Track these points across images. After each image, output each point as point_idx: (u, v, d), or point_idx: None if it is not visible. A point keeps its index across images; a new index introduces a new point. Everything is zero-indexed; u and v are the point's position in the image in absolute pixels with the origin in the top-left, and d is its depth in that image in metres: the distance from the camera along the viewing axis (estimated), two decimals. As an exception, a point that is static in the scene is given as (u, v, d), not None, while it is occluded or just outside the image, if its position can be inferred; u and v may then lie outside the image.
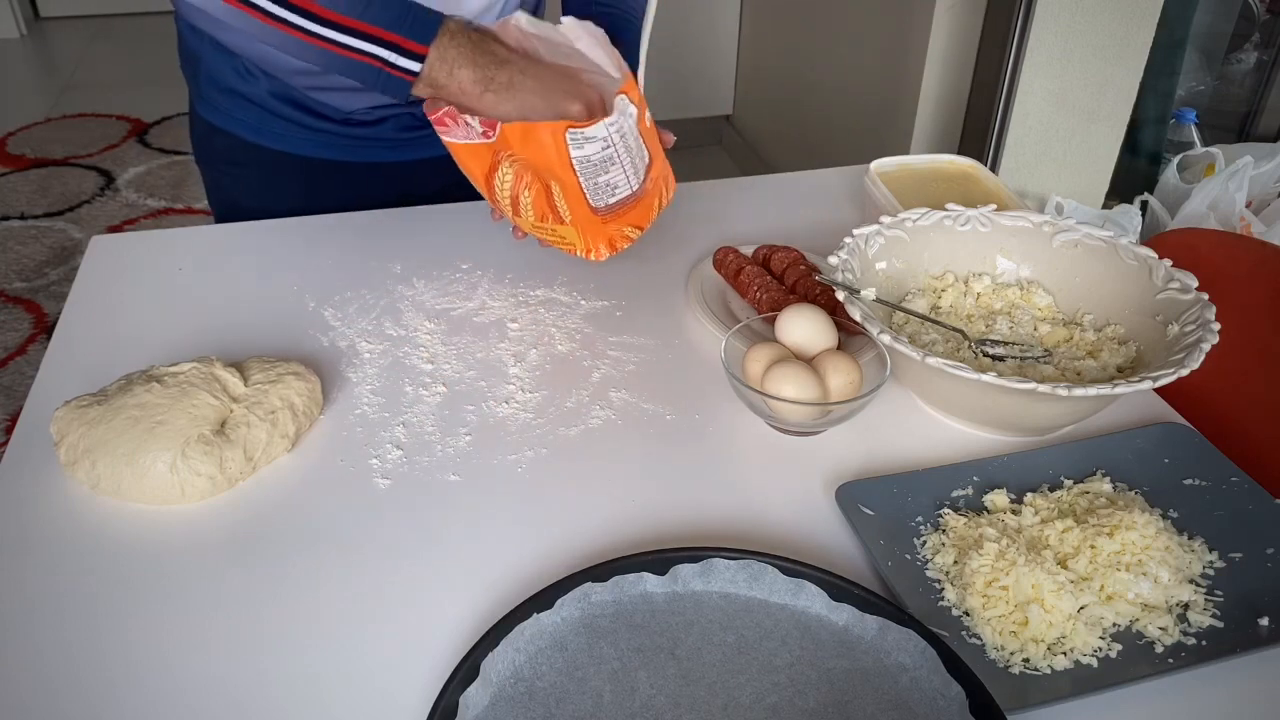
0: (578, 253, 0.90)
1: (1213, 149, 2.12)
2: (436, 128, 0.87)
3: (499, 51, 0.84)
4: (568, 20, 0.91)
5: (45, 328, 2.32)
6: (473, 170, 0.88)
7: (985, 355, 0.82)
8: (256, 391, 0.76)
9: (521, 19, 0.92)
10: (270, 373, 0.78)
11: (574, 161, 0.82)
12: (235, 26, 0.83)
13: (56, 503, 0.71)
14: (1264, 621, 0.62)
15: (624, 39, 0.96)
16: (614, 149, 0.83)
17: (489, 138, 0.84)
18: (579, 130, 0.81)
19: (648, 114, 0.87)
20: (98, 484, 0.70)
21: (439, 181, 1.13)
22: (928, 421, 0.81)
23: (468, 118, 0.85)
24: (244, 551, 0.68)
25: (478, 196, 1.11)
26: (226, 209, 1.15)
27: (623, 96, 0.84)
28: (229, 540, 0.69)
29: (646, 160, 0.88)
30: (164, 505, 0.71)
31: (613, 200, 0.86)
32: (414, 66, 0.83)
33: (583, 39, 0.90)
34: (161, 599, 0.64)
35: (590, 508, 0.72)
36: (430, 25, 0.83)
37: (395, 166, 1.13)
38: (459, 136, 0.86)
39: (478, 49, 0.84)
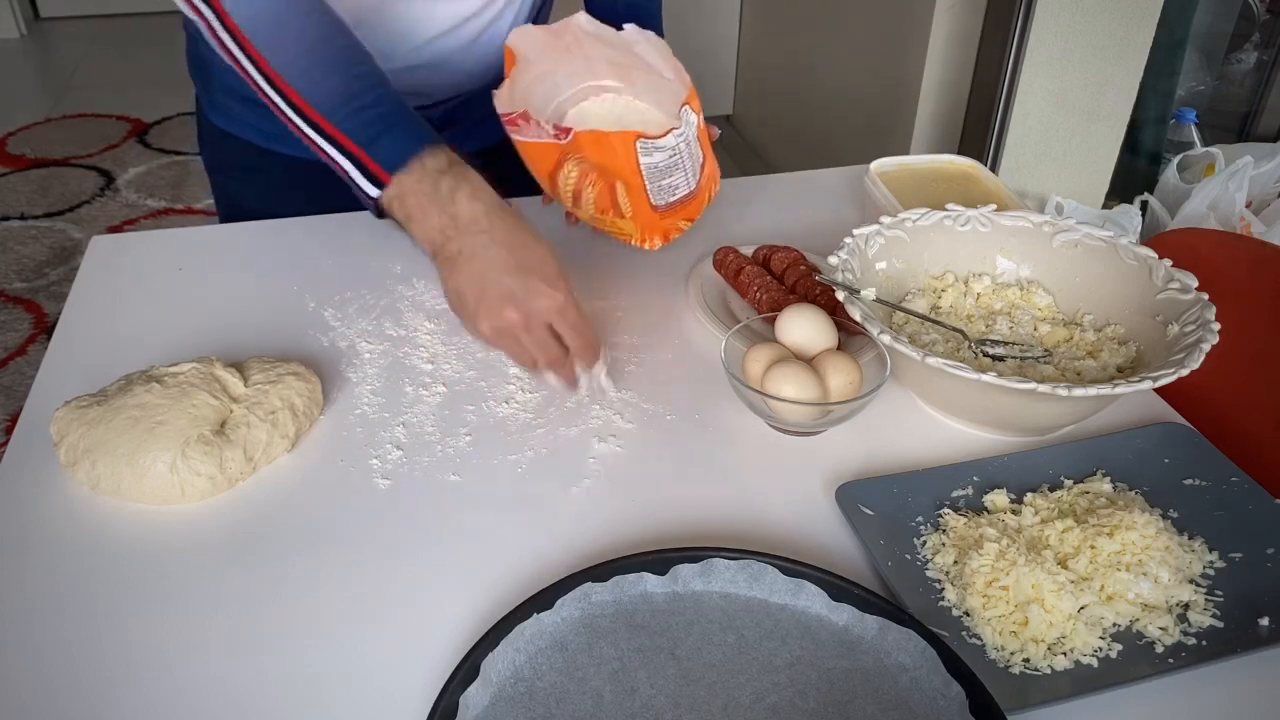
0: (633, 242, 0.93)
1: (1213, 149, 2.12)
2: (508, 128, 0.88)
3: (464, 214, 0.75)
4: (629, 27, 0.92)
5: (45, 328, 2.32)
6: (537, 166, 0.91)
7: (985, 355, 0.82)
8: (257, 392, 0.76)
9: (582, 19, 0.93)
10: (270, 373, 0.78)
11: (642, 168, 0.85)
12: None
13: (56, 503, 0.71)
14: (1264, 621, 0.62)
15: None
16: (679, 156, 0.86)
17: (560, 140, 0.86)
18: (650, 141, 0.84)
19: (701, 117, 0.90)
20: (98, 484, 0.70)
21: None
22: (928, 421, 0.81)
23: (540, 121, 0.86)
24: (244, 551, 0.68)
25: None
26: (233, 214, 1.14)
27: (687, 108, 0.86)
28: (229, 540, 0.69)
29: (701, 160, 0.91)
30: (164, 505, 0.71)
31: (672, 199, 0.89)
32: (372, 191, 0.76)
33: (642, 44, 0.93)
34: (161, 599, 0.64)
35: (590, 508, 0.72)
36: (403, 152, 0.75)
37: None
38: (530, 136, 0.88)
39: (440, 207, 0.75)
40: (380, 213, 0.79)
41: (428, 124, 0.79)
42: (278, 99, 0.77)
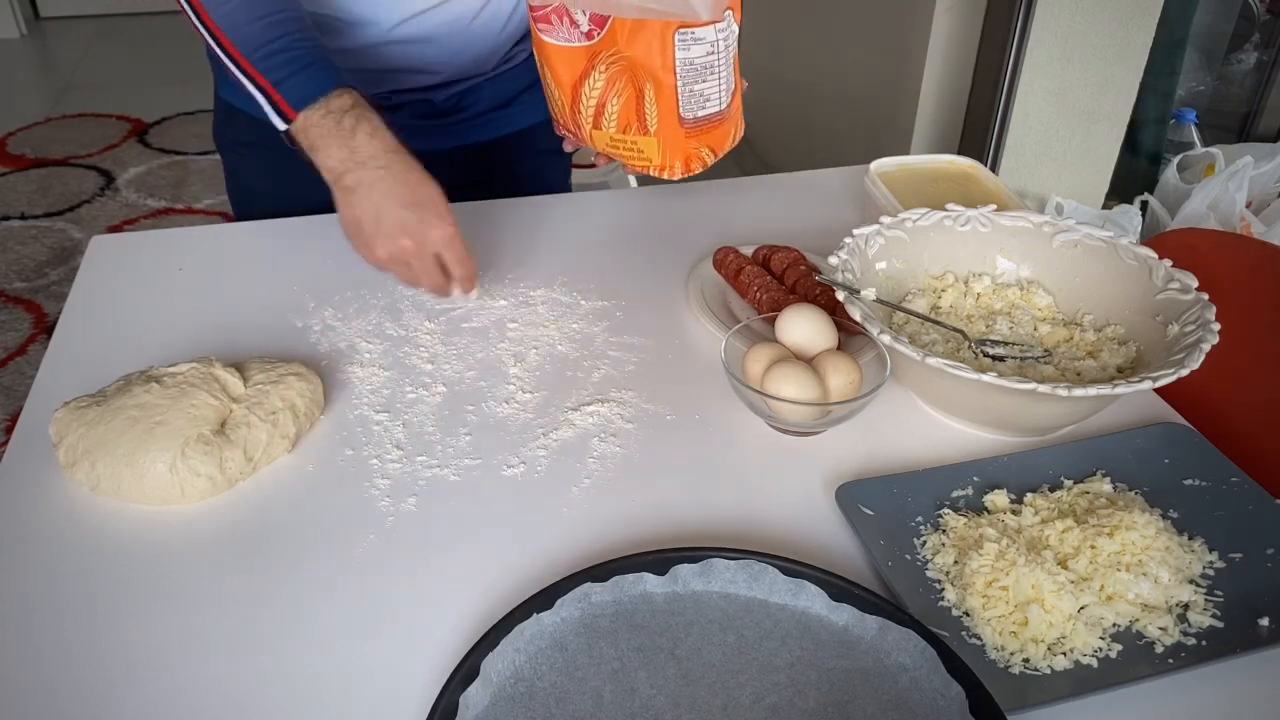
0: (651, 170, 0.90)
1: (1213, 149, 2.12)
2: (538, 24, 0.86)
3: (362, 150, 0.83)
4: None
5: (45, 328, 2.32)
6: (561, 76, 0.88)
7: (985, 355, 0.82)
8: (257, 392, 0.76)
9: None
10: (271, 373, 0.78)
11: (677, 63, 0.82)
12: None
13: (56, 502, 0.71)
14: (1264, 622, 0.62)
15: None
16: (716, 57, 0.84)
17: (592, 39, 0.84)
18: (689, 30, 0.81)
19: (736, 48, 0.87)
20: (97, 485, 0.70)
21: (452, 177, 1.13)
22: (928, 421, 0.81)
23: (575, 14, 0.84)
24: (244, 552, 0.68)
25: (487, 196, 1.12)
26: (243, 194, 1.16)
27: (730, 12, 0.83)
28: (229, 540, 0.69)
29: (734, 85, 0.88)
30: (164, 506, 0.71)
31: (701, 114, 0.86)
32: (280, 124, 0.84)
33: None
34: (161, 599, 0.64)
35: (590, 508, 0.72)
36: (311, 91, 0.83)
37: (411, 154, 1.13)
38: (559, 38, 0.86)
39: (341, 141, 0.83)
40: (293, 143, 0.86)
41: (339, 70, 0.85)
42: (208, 37, 0.85)
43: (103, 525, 0.70)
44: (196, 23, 0.85)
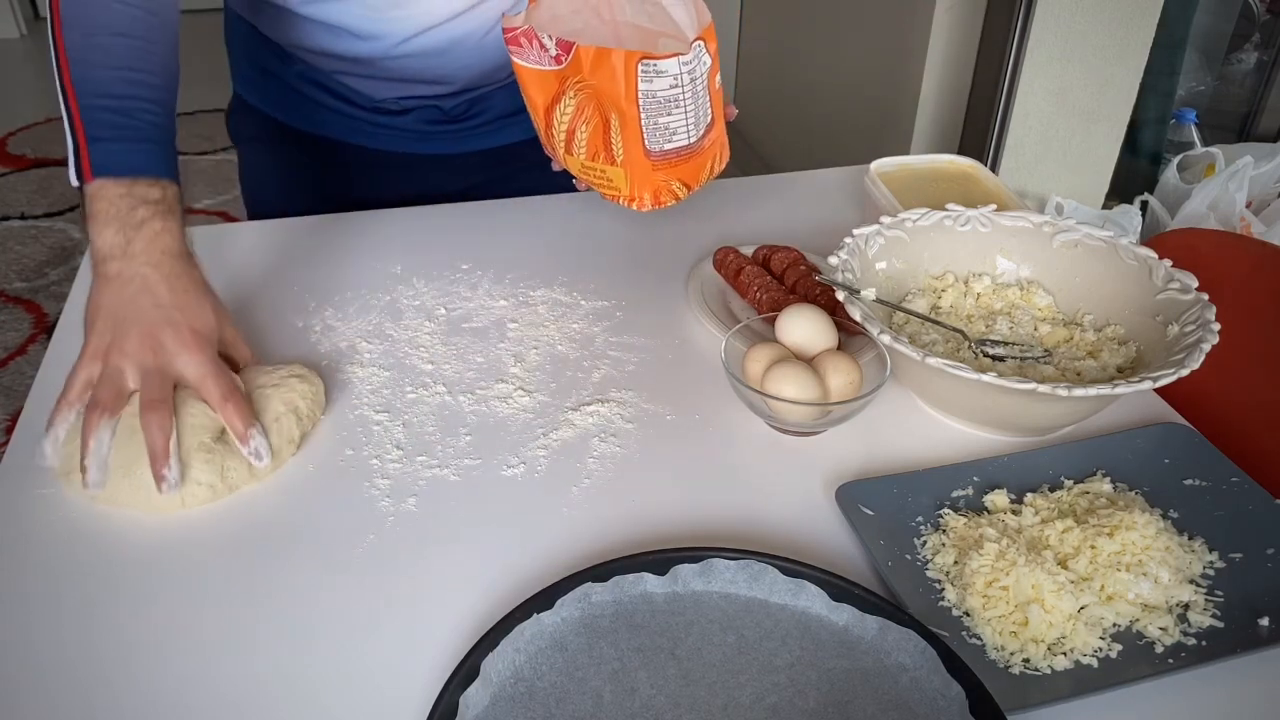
0: (620, 200, 0.87)
1: (1213, 149, 2.12)
2: (509, 46, 0.84)
3: (139, 243, 0.72)
4: None
5: (45, 328, 2.32)
6: (535, 100, 0.87)
7: (985, 355, 0.82)
8: (259, 396, 0.76)
9: None
10: (272, 375, 0.78)
11: (640, 95, 0.80)
12: (269, 13, 0.83)
13: (57, 503, 0.71)
14: (1264, 622, 0.62)
15: None
16: (680, 90, 0.81)
17: (560, 64, 0.82)
18: (652, 62, 0.79)
19: (718, 78, 0.86)
20: (95, 495, 0.70)
21: (462, 182, 1.14)
22: (928, 422, 0.81)
23: (543, 39, 0.82)
24: (243, 552, 0.68)
25: (498, 196, 1.12)
26: (255, 188, 1.16)
27: (700, 43, 0.81)
28: (229, 540, 0.69)
29: (709, 119, 0.86)
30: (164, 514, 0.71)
31: (668, 147, 0.84)
32: (73, 180, 0.74)
33: None
34: (160, 599, 0.64)
35: (590, 508, 0.72)
36: (123, 164, 0.73)
37: (420, 160, 1.14)
38: (530, 60, 0.84)
39: (120, 226, 0.72)
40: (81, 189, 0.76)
41: (172, 163, 0.77)
42: (53, 56, 0.76)
43: (101, 525, 0.70)
44: (50, 37, 0.77)
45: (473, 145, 1.15)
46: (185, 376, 0.71)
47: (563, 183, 1.27)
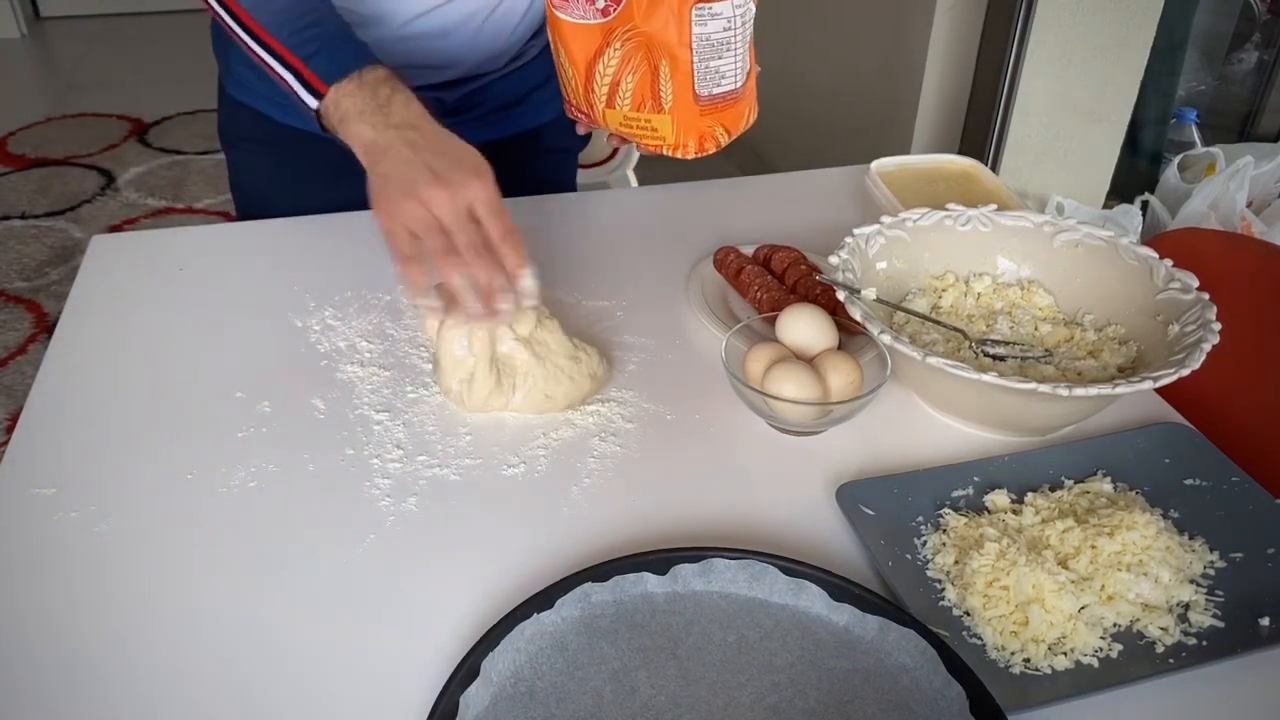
0: (664, 149, 0.88)
1: (1213, 149, 2.12)
2: (553, 4, 0.85)
3: (396, 115, 0.79)
4: None
5: (45, 328, 2.32)
6: (575, 54, 0.87)
7: (986, 355, 0.82)
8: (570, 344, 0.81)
9: None
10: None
11: (694, 38, 0.82)
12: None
13: (56, 504, 0.71)
14: (1265, 621, 0.62)
15: None
16: (733, 32, 0.83)
17: (607, 15, 0.83)
18: (706, 5, 0.81)
19: (752, 28, 0.87)
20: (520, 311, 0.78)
21: None
22: (928, 421, 0.81)
23: None
24: (243, 552, 0.68)
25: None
26: (247, 191, 1.16)
27: None
28: (229, 540, 0.69)
29: (749, 64, 0.87)
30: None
31: (716, 91, 0.85)
32: (311, 102, 0.81)
33: None
34: (160, 599, 0.64)
35: (590, 508, 0.72)
36: (341, 66, 0.81)
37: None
38: (574, 15, 0.85)
39: (376, 109, 0.79)
40: (323, 127, 0.83)
41: (367, 48, 0.83)
42: (229, 19, 0.84)
43: (100, 530, 0.70)
44: (221, 11, 0.84)
45: (471, 138, 1.14)
46: (475, 206, 0.74)
47: (559, 177, 1.26)
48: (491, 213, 0.75)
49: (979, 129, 1.96)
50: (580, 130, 0.97)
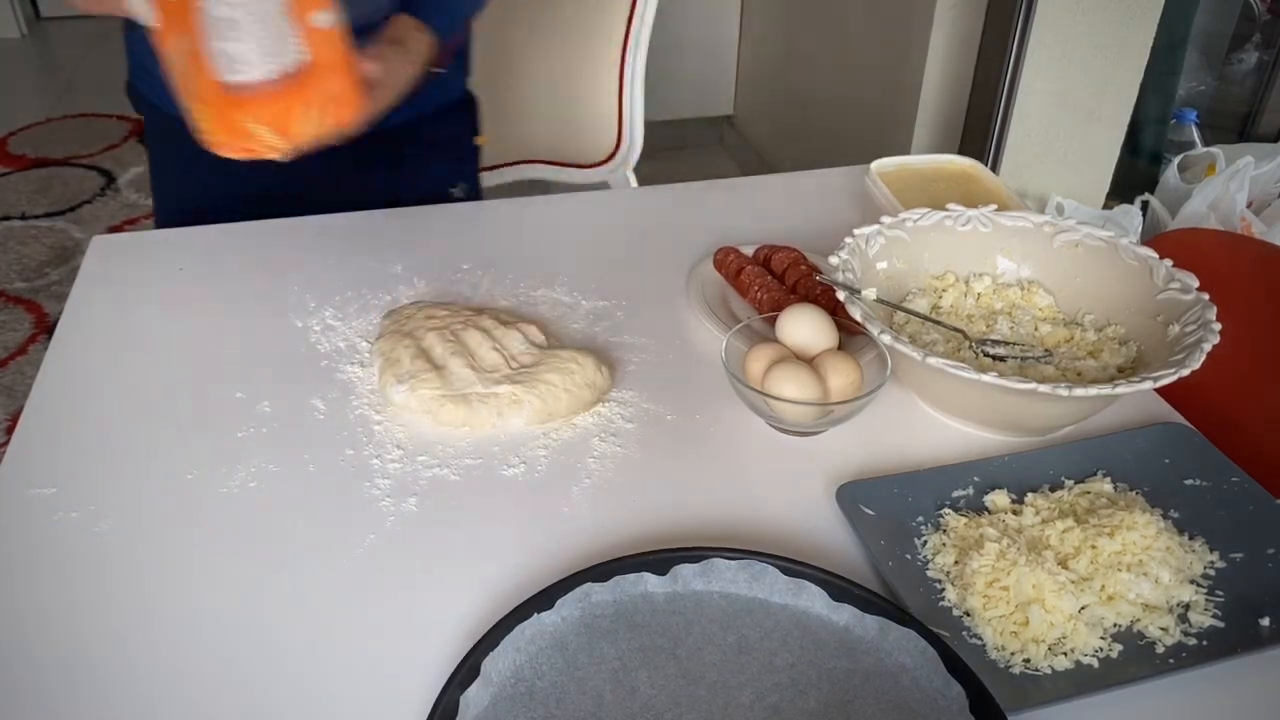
0: (213, 148, 0.77)
1: (1213, 149, 2.12)
2: None
3: None
4: None
5: (46, 328, 2.32)
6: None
7: (986, 355, 0.82)
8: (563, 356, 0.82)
9: None
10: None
11: (201, 17, 0.70)
12: None
13: (56, 504, 0.71)
14: (1265, 621, 0.62)
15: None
16: (236, 12, 0.70)
17: None
18: None
19: (326, 18, 0.74)
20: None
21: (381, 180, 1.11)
22: (928, 421, 0.81)
23: None
24: (243, 551, 0.68)
25: (423, 201, 1.11)
26: (161, 190, 1.13)
27: None
28: (229, 540, 0.69)
29: (298, 56, 0.74)
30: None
31: (238, 79, 0.73)
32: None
33: None
34: (160, 598, 0.64)
35: (590, 508, 0.72)
36: None
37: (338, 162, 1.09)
38: None
39: None
40: None
41: None
42: None
43: (100, 532, 0.70)
44: None
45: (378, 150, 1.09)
46: None
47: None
48: None
49: (979, 129, 1.96)
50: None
